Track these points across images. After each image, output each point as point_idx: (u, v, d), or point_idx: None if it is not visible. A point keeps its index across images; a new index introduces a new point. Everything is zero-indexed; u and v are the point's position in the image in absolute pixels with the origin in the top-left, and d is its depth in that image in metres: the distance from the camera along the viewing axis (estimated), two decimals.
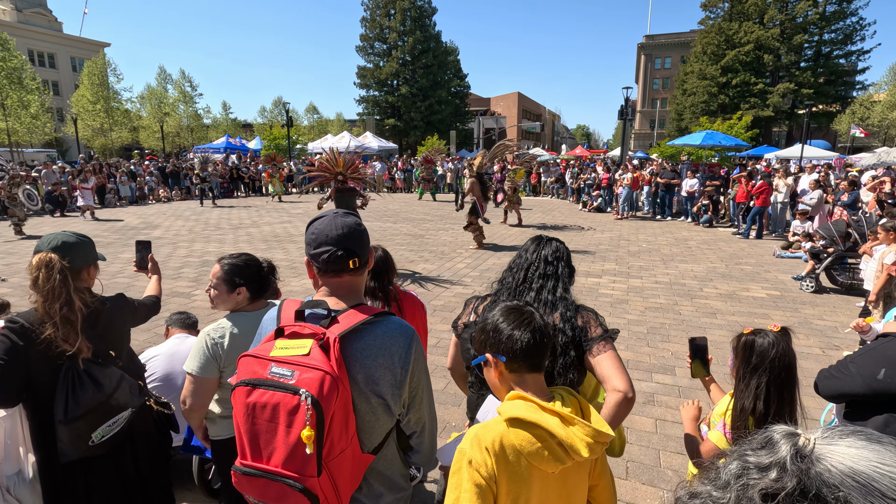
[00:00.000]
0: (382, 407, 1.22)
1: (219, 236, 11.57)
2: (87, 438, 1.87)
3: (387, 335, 1.23)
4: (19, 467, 2.10)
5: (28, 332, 1.79)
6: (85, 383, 1.84)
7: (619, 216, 15.19)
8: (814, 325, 5.83)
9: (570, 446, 1.12)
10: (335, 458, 1.12)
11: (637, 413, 3.80)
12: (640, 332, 5.49)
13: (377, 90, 48.15)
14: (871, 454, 0.68)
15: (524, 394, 1.20)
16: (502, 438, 1.16)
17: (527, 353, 1.21)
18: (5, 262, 8.74)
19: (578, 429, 1.13)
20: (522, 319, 1.24)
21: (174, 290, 7.03)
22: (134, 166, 21.30)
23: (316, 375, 1.08)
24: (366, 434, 1.22)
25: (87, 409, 1.84)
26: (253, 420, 1.11)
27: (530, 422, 1.15)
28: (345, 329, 1.17)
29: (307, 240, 1.30)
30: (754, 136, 24.39)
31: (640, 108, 58.12)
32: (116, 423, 1.96)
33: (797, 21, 35.05)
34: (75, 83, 40.20)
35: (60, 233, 1.95)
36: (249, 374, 1.14)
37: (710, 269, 8.59)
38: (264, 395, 1.10)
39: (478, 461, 1.15)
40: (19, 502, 2.10)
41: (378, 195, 17.48)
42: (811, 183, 11.39)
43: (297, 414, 1.06)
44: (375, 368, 1.20)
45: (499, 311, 1.28)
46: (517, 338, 1.21)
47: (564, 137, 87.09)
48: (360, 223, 1.31)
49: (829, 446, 0.71)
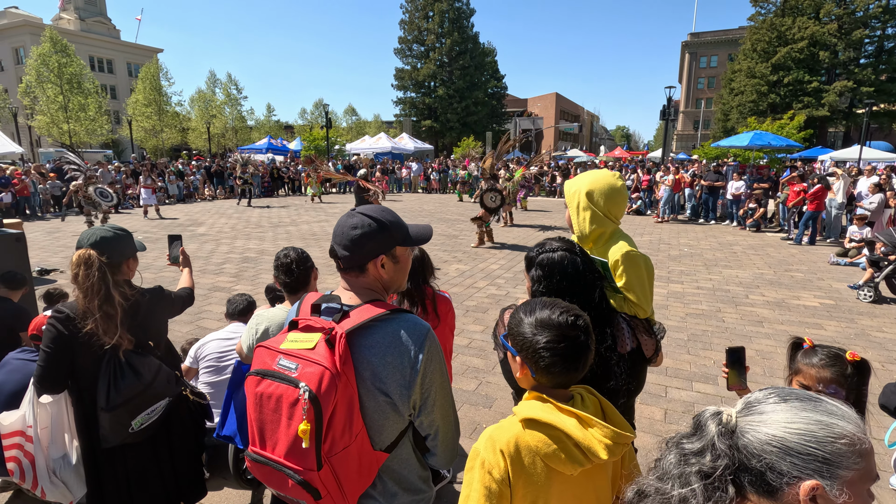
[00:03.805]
0: (390, 406, 1.19)
1: (259, 234, 11.93)
2: (128, 425, 1.93)
3: (397, 333, 1.20)
4: (65, 451, 2.20)
5: (73, 321, 1.86)
6: (126, 373, 1.90)
7: (660, 219, 14.72)
8: (872, 338, 5.45)
9: (587, 448, 1.07)
10: (338, 454, 1.12)
11: (674, 423, 3.66)
12: (681, 339, 5.28)
13: (414, 91, 48.54)
14: (781, 416, 0.74)
15: (542, 394, 1.16)
16: (517, 440, 1.12)
17: (559, 383, 1.17)
18: (66, 256, 9.29)
19: (597, 430, 1.08)
20: (569, 348, 1.14)
21: (216, 285, 7.29)
22: (182, 166, 22.28)
23: (316, 370, 1.08)
24: (375, 431, 1.19)
25: (128, 398, 1.90)
26: (260, 409, 1.14)
27: (546, 423, 1.10)
28: (354, 325, 1.16)
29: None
30: (807, 137, 23.16)
31: (683, 109, 56.21)
32: (155, 411, 2.01)
33: (857, 16, 33.02)
34: (130, 87, 42.40)
35: (99, 227, 1.99)
36: (261, 364, 1.17)
37: (757, 275, 8.19)
38: (270, 386, 1.12)
39: (490, 462, 1.12)
40: (65, 484, 2.20)
41: (391, 196, 17.54)
42: (871, 186, 10.69)
43: (296, 407, 1.08)
44: (383, 366, 1.17)
45: (543, 326, 1.16)
46: (555, 371, 1.14)
47: (603, 138, 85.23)
48: (360, 223, 1.25)
49: (747, 417, 0.77)
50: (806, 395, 0.77)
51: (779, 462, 0.71)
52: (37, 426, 2.15)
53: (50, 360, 1.87)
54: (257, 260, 9.04)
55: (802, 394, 0.77)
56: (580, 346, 1.14)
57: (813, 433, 0.71)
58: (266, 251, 9.79)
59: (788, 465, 0.71)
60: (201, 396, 2.43)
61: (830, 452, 0.70)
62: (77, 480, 2.20)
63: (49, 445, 2.17)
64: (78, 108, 30.11)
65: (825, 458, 0.70)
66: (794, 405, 0.75)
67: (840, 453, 0.70)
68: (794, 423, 0.73)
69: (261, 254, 9.57)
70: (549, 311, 1.17)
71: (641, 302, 1.81)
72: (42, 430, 2.16)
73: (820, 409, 0.74)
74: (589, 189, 1.89)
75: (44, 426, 2.17)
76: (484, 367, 4.59)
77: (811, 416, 0.73)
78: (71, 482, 2.21)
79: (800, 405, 0.75)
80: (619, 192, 1.89)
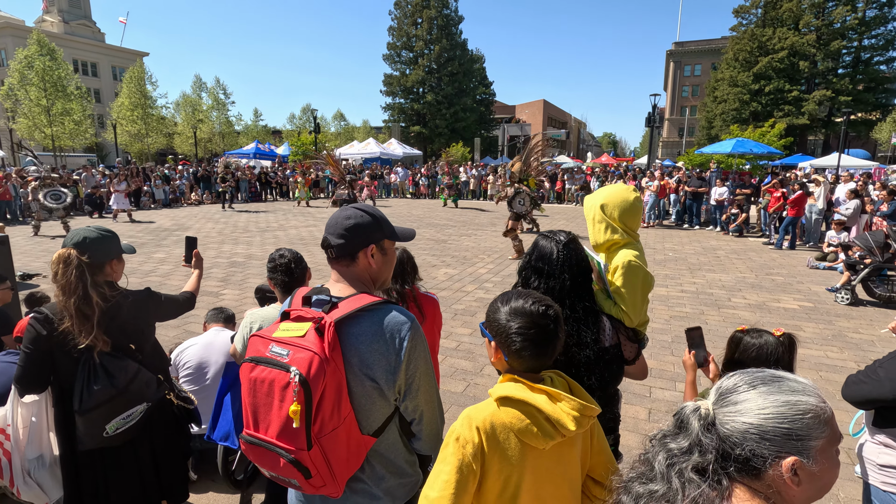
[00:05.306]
0: (376, 391, 1.26)
1: (247, 238, 11.87)
2: (102, 430, 1.90)
3: (383, 322, 1.27)
4: (40, 452, 2.17)
5: (52, 322, 1.85)
6: (99, 376, 1.88)
7: (645, 224, 14.94)
8: (848, 339, 5.61)
9: (556, 421, 1.15)
10: (327, 434, 1.18)
11: (658, 421, 3.73)
12: (665, 341, 5.38)
13: (403, 97, 48.72)
14: (753, 404, 0.80)
15: (515, 376, 1.25)
16: (493, 417, 1.21)
17: (530, 367, 1.25)
18: (48, 260, 9.15)
19: (565, 404, 1.17)
20: (538, 334, 1.23)
21: (203, 290, 7.24)
22: (168, 170, 22.08)
23: (306, 356, 1.15)
24: (363, 416, 1.26)
25: (100, 402, 1.87)
26: (254, 394, 1.21)
27: (518, 399, 1.19)
28: (342, 314, 1.23)
29: None
30: (788, 145, 23.69)
31: (668, 116, 57.17)
32: (132, 416, 1.98)
33: (835, 27, 33.99)
34: (115, 91, 41.99)
35: (84, 228, 1.98)
36: (255, 352, 1.24)
37: (740, 279, 8.37)
38: (263, 372, 1.19)
39: (465, 438, 1.19)
40: (39, 486, 2.17)
41: (361, 196, 17.63)
42: (847, 193, 10.99)
43: (287, 389, 1.15)
44: (370, 353, 1.24)
45: (516, 313, 1.25)
46: (525, 354, 1.23)
47: (590, 145, 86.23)
48: (354, 214, 1.34)
49: (723, 408, 0.83)
50: (769, 376, 0.83)
51: (759, 447, 0.77)
52: (17, 425, 2.13)
53: (29, 361, 1.87)
54: (245, 265, 8.99)
55: (766, 375, 0.83)
56: (549, 333, 1.23)
57: (784, 415, 0.78)
58: (254, 256, 9.75)
59: (767, 448, 0.77)
60: (187, 401, 2.37)
61: (800, 428, 0.77)
62: (53, 482, 2.16)
63: (26, 445, 2.14)
64: (62, 112, 29.67)
65: (797, 435, 0.77)
66: (762, 390, 0.81)
67: (809, 427, 0.77)
68: (765, 408, 0.79)
69: (248, 258, 9.52)
70: (523, 301, 1.27)
71: (629, 310, 1.89)
72: (23, 428, 2.14)
73: (784, 388, 0.81)
74: (603, 202, 2.03)
75: (24, 425, 2.14)
76: (472, 370, 4.64)
77: (779, 399, 0.79)
78: (46, 484, 2.16)
79: (766, 389, 0.81)
80: (633, 204, 2.02)
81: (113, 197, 14.96)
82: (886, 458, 1.71)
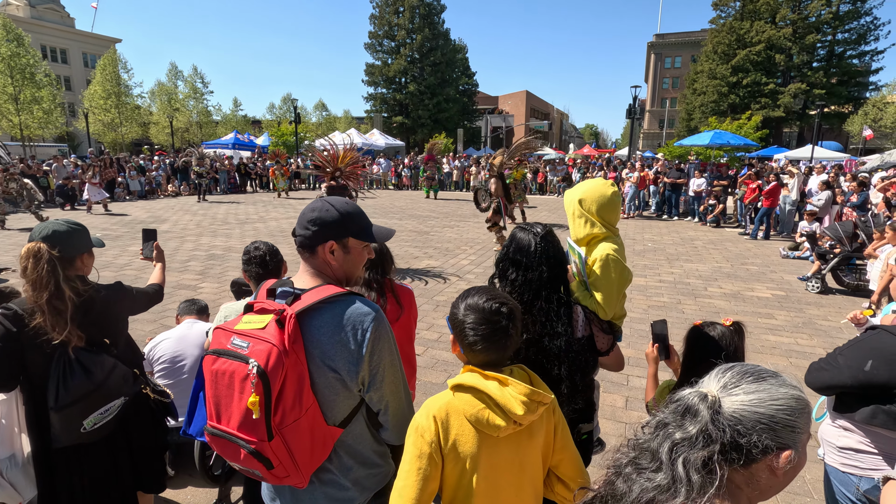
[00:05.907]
0: (339, 382, 1.27)
1: (226, 231, 11.68)
2: (79, 425, 1.87)
3: (345, 314, 1.27)
4: (12, 451, 2.13)
5: (21, 318, 1.81)
6: (75, 371, 1.84)
7: (625, 215, 15.13)
8: (818, 326, 5.80)
9: (504, 405, 1.19)
10: (289, 426, 1.18)
11: (635, 409, 3.82)
12: (642, 331, 5.48)
13: (385, 87, 48.18)
14: (763, 395, 0.80)
15: (473, 366, 1.30)
16: (448, 405, 1.26)
17: (484, 361, 1.29)
18: (17, 255, 8.87)
19: (512, 388, 1.21)
20: (489, 330, 1.27)
21: (181, 283, 7.12)
22: (143, 161, 21.53)
23: (265, 347, 1.16)
24: (327, 407, 1.27)
25: (77, 397, 1.84)
26: (216, 385, 1.21)
27: (471, 386, 1.24)
28: (304, 306, 1.23)
29: None
30: (764, 137, 24.19)
31: (649, 108, 57.73)
32: (108, 411, 1.96)
33: (810, 21, 34.65)
34: (87, 78, 40.63)
35: (52, 221, 1.94)
36: (217, 344, 1.24)
37: (716, 268, 8.56)
38: (224, 364, 1.19)
39: (423, 427, 1.25)
40: (12, 486, 2.13)
41: (368, 193, 17.49)
42: (819, 184, 11.30)
43: (246, 381, 1.15)
44: (332, 345, 1.25)
45: (470, 309, 1.29)
46: (477, 349, 1.27)
47: (572, 136, 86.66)
48: (320, 207, 1.35)
49: (730, 398, 0.82)
50: (769, 371, 0.84)
51: (765, 437, 0.78)
52: None
53: None
54: (224, 257, 8.86)
55: (765, 371, 0.84)
56: (500, 330, 1.26)
57: (793, 408, 0.80)
58: (233, 248, 9.60)
59: (772, 438, 0.78)
60: (163, 395, 2.36)
61: (802, 422, 0.80)
62: (26, 481, 2.12)
63: None
64: (30, 100, 28.61)
65: (798, 428, 0.80)
66: (771, 382, 0.81)
67: (804, 419, 0.81)
68: (777, 399, 0.80)
69: (227, 251, 9.38)
70: (479, 297, 1.30)
71: (604, 302, 1.91)
72: None
73: (787, 383, 0.83)
74: (581, 197, 2.06)
75: None
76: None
77: (787, 392, 0.81)
78: (19, 483, 2.13)
79: (776, 381, 0.82)
80: (610, 199, 2.05)
81: (87, 187, 14.55)
82: (845, 440, 1.78)
